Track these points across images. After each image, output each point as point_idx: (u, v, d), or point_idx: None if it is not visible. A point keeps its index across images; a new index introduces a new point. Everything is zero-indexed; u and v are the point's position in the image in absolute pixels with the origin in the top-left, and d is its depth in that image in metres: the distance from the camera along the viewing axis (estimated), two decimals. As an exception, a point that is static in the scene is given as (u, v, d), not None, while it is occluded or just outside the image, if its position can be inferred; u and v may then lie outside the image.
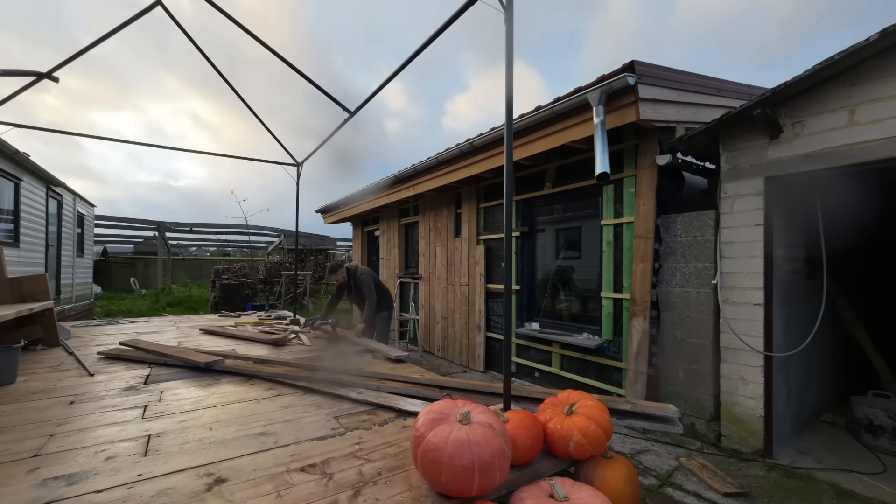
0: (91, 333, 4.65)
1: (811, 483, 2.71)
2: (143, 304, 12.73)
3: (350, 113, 4.23)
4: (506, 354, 2.13)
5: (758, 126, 3.10)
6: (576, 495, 1.36)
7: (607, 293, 4.07)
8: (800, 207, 3.54)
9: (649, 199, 3.67)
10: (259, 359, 3.29)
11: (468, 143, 4.88)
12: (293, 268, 13.51)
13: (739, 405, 3.17)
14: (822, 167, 2.82)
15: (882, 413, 3.16)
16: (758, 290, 3.10)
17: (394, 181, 6.82)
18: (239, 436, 1.90)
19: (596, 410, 1.73)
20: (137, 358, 3.35)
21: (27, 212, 7.41)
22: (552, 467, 1.68)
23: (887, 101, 2.58)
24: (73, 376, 2.88)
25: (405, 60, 3.18)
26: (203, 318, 6.20)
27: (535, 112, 3.96)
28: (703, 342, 3.41)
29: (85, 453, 1.71)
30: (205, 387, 2.67)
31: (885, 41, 2.45)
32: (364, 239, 9.83)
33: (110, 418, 2.10)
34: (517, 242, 5.15)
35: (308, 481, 1.50)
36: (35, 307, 3.51)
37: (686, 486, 2.67)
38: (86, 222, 11.49)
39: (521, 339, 4.99)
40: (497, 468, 1.34)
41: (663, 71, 3.45)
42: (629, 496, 1.61)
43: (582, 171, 4.32)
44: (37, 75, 3.69)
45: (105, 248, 18.40)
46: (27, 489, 1.43)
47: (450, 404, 1.52)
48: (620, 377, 3.95)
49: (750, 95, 4.16)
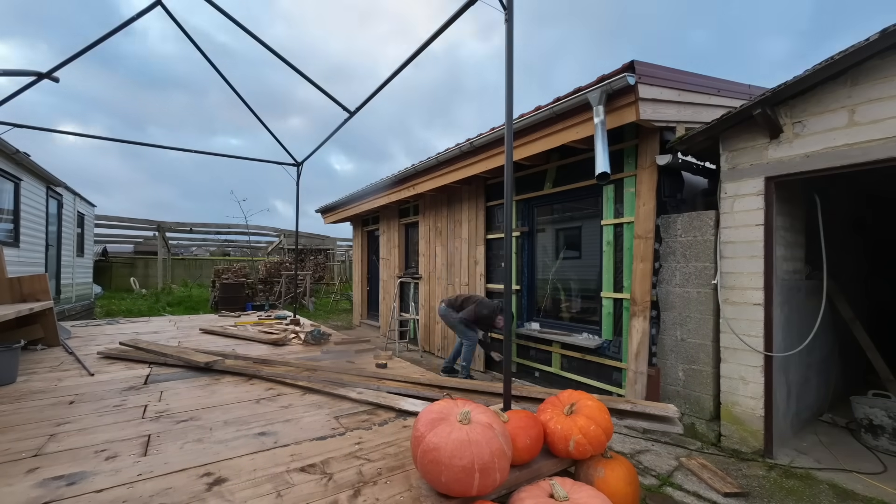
0: (91, 333, 4.65)
1: (811, 483, 2.71)
2: (143, 304, 12.73)
3: (350, 113, 4.23)
4: (506, 354, 2.13)
5: (758, 126, 3.10)
6: (576, 495, 1.36)
7: (607, 293, 4.07)
8: (800, 207, 3.55)
9: (649, 199, 3.67)
10: (259, 359, 3.29)
11: (468, 143, 4.88)
12: (293, 268, 13.50)
13: (739, 405, 3.17)
14: (822, 167, 2.82)
15: (882, 413, 3.16)
16: (758, 290, 3.10)
17: (394, 181, 6.82)
18: (239, 436, 1.90)
19: (596, 410, 1.73)
20: (137, 358, 3.35)
21: (27, 212, 7.41)
22: (552, 467, 1.69)
23: (887, 101, 2.58)
24: (73, 376, 2.88)
25: (405, 61, 3.18)
26: (203, 318, 6.20)
27: (535, 112, 3.96)
28: (703, 342, 3.41)
29: (85, 453, 1.71)
30: (205, 387, 2.67)
31: (885, 41, 2.45)
32: (364, 239, 9.83)
33: (110, 418, 2.10)
34: (517, 242, 5.15)
35: (308, 481, 1.50)
36: (35, 307, 3.51)
37: (686, 485, 2.67)
38: (86, 222, 11.48)
39: (521, 339, 4.99)
40: (497, 468, 1.34)
41: (663, 71, 3.45)
42: (629, 496, 1.61)
43: (582, 171, 4.32)
44: (37, 75, 3.69)
45: (105, 248, 18.39)
46: (27, 489, 1.43)
47: (450, 404, 1.52)
48: (620, 377, 3.94)
49: (750, 95, 4.15)
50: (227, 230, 17.18)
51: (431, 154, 5.77)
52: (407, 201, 7.44)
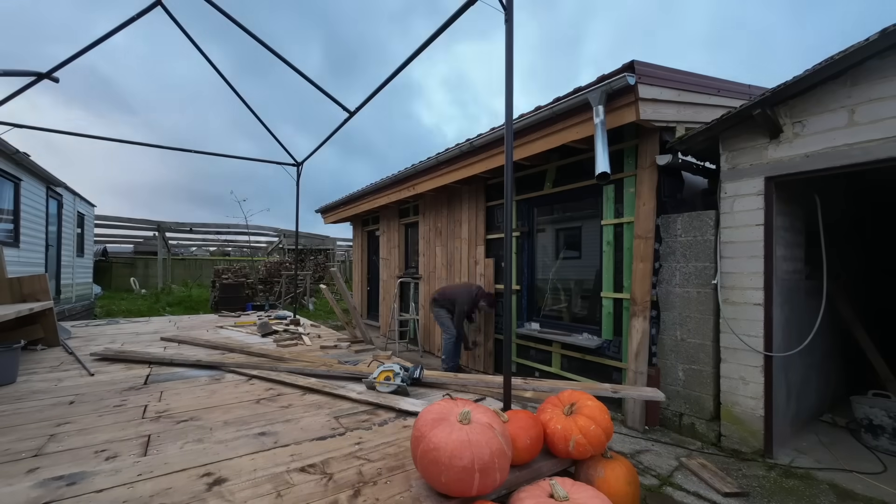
0: (91, 333, 4.65)
1: (811, 483, 2.71)
2: (142, 304, 12.73)
3: (350, 113, 4.23)
4: (506, 354, 2.13)
5: (758, 126, 3.10)
6: (576, 495, 1.36)
7: (607, 293, 4.07)
8: (800, 207, 3.54)
9: (649, 199, 3.67)
10: (260, 353, 3.29)
11: (468, 143, 4.88)
12: (293, 268, 13.51)
13: (739, 405, 3.17)
14: (822, 167, 2.82)
15: (882, 413, 3.16)
16: (758, 290, 3.10)
17: (394, 181, 6.82)
18: (239, 436, 1.90)
19: (596, 410, 1.73)
20: (137, 358, 3.35)
21: (27, 212, 7.40)
22: (552, 467, 1.69)
23: (887, 101, 2.58)
24: (74, 376, 2.88)
25: (404, 61, 3.18)
26: (203, 318, 6.20)
27: (535, 112, 3.96)
28: (703, 342, 3.41)
29: (85, 453, 1.71)
30: (205, 386, 2.67)
31: (886, 41, 2.45)
32: (364, 239, 9.83)
33: (110, 418, 2.10)
34: (517, 242, 5.15)
35: (308, 481, 1.50)
36: (35, 307, 3.51)
37: (686, 485, 2.67)
38: (86, 222, 11.48)
39: (521, 339, 4.99)
40: (497, 468, 1.34)
41: (663, 71, 3.45)
42: (629, 496, 1.61)
43: (582, 171, 4.32)
44: (37, 75, 3.69)
45: (105, 248, 18.38)
46: (27, 489, 1.43)
47: (450, 404, 1.52)
48: (620, 377, 3.94)
49: (750, 95, 4.15)
50: (227, 230, 17.18)
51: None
52: (407, 201, 7.43)
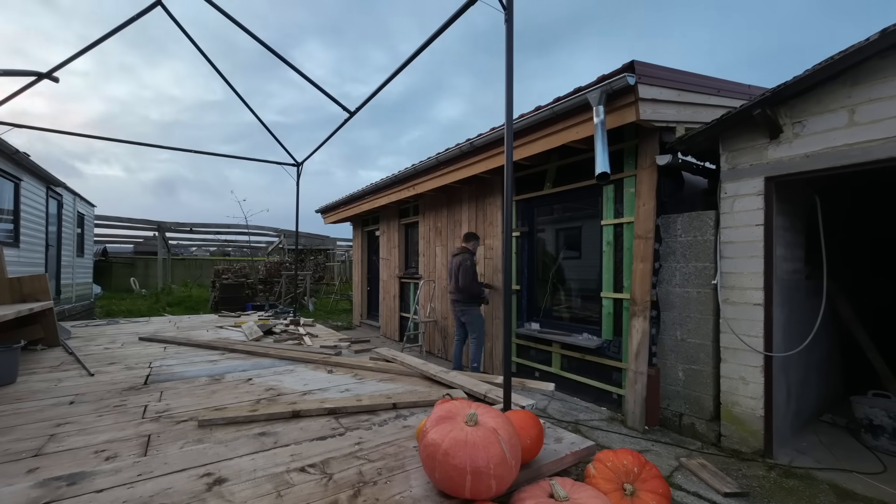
0: (91, 333, 4.65)
1: (811, 483, 2.71)
2: (142, 304, 12.73)
3: (350, 113, 4.23)
4: (506, 354, 2.13)
5: (758, 126, 3.10)
6: (576, 495, 1.35)
7: (607, 293, 4.07)
8: (800, 207, 3.54)
9: (649, 199, 3.67)
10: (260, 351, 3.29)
11: (468, 143, 4.88)
12: (293, 268, 13.50)
13: (739, 405, 3.17)
14: (822, 167, 2.82)
15: (882, 413, 3.16)
16: (758, 290, 3.10)
17: (394, 181, 6.82)
18: (239, 436, 1.90)
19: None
20: (181, 341, 3.34)
21: (27, 212, 7.40)
22: (552, 467, 1.68)
23: (887, 101, 2.58)
24: (73, 376, 2.88)
25: (405, 61, 3.18)
26: (203, 318, 6.20)
27: (535, 112, 3.96)
28: (703, 342, 3.41)
29: (85, 453, 1.71)
30: (204, 387, 2.67)
31: (886, 41, 2.45)
32: (364, 239, 9.83)
33: (110, 418, 2.10)
34: (517, 242, 5.15)
35: (308, 481, 1.50)
36: (35, 307, 3.51)
37: (686, 485, 2.67)
38: (86, 222, 11.48)
39: (521, 339, 4.99)
40: (493, 475, 1.31)
41: (663, 71, 3.45)
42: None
43: (582, 171, 4.32)
44: (37, 75, 3.69)
45: (105, 248, 18.39)
46: (27, 489, 1.43)
47: (463, 405, 1.52)
48: (620, 377, 3.94)
49: (750, 95, 4.15)
50: (227, 230, 17.17)
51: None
52: (407, 201, 7.43)
